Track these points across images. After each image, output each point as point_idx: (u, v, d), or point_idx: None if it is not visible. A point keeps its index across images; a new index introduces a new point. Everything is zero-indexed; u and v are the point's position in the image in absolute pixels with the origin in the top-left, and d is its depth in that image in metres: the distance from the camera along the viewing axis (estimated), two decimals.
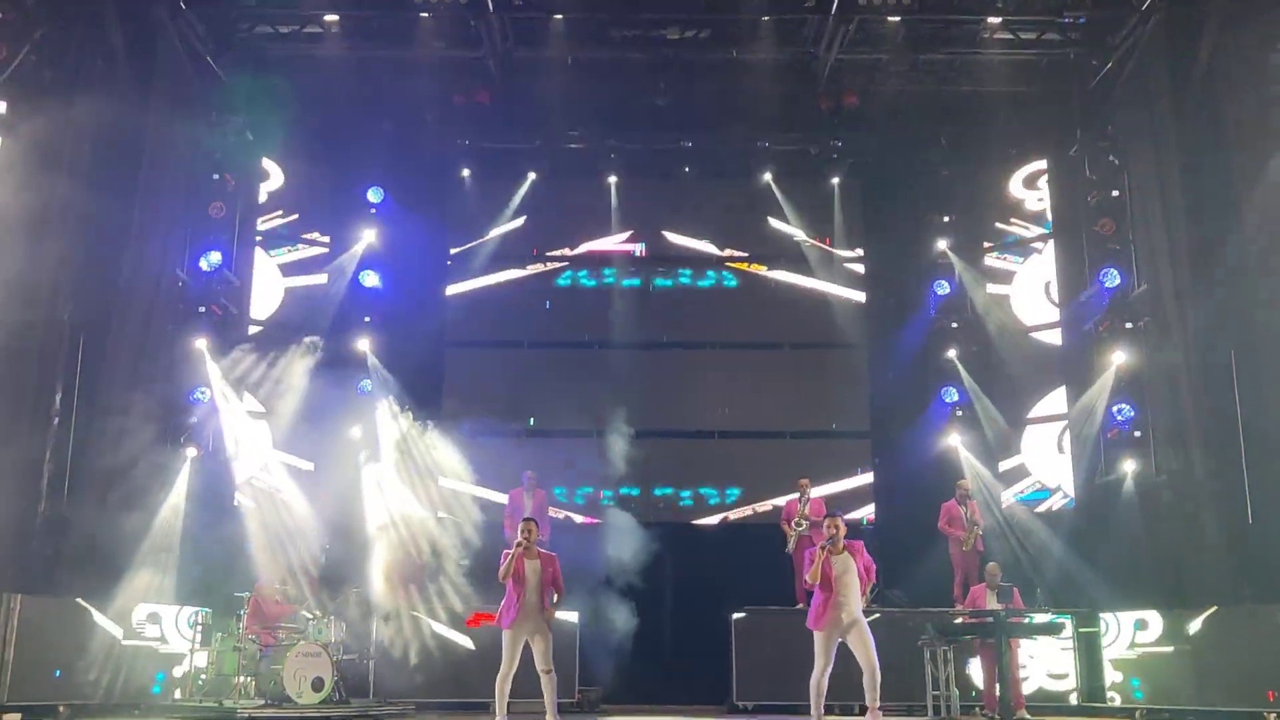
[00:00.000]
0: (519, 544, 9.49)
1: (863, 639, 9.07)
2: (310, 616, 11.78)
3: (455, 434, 14.96)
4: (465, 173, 16.62)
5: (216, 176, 14.71)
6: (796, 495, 14.11)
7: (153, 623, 12.11)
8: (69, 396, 12.02)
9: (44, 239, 11.64)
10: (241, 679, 11.14)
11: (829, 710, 9.27)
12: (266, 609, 11.61)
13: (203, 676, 11.87)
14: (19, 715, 10.45)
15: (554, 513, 15.13)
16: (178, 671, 12.12)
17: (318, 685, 10.91)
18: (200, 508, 13.69)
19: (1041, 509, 15.18)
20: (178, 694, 11.91)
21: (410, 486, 14.45)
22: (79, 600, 11.39)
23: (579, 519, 15.97)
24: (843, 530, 9.27)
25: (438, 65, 15.01)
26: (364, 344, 15.64)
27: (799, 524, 13.66)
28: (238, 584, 12.19)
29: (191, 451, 13.79)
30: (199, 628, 12.11)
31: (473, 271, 16.87)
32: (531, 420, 16.33)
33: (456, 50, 14.85)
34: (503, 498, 14.91)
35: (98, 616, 11.51)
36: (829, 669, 9.18)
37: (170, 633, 12.24)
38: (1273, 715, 10.58)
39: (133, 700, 11.65)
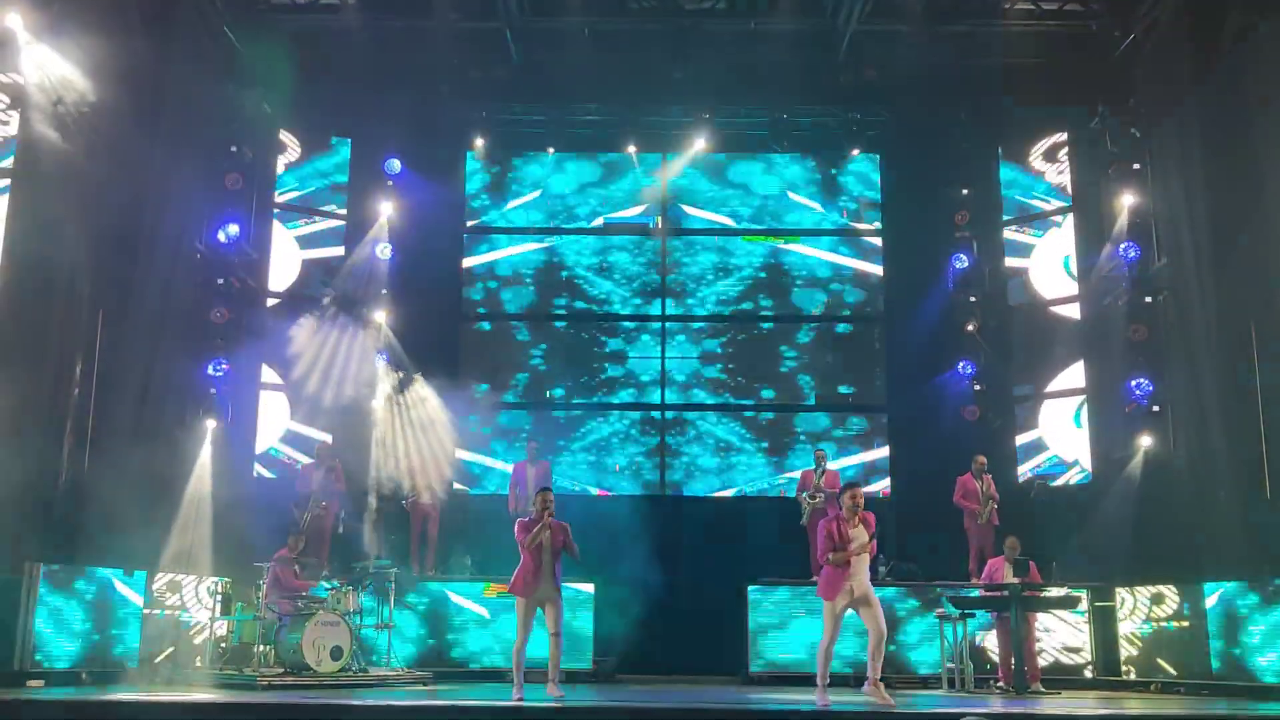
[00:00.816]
0: (541, 514, 9.57)
1: (872, 609, 9.15)
2: (329, 586, 11.87)
3: (470, 405, 15.04)
4: (481, 144, 16.54)
5: (234, 149, 14.71)
6: (813, 467, 14.14)
7: (173, 591, 12.23)
8: (89, 368, 12.09)
9: (62, 211, 11.67)
10: (261, 648, 11.24)
11: (839, 680, 9.33)
12: (285, 579, 11.69)
13: (223, 645, 11.99)
14: (41, 682, 10.59)
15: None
16: (197, 640, 12.25)
17: (336, 654, 11.00)
18: (219, 478, 13.80)
19: (1058, 483, 15.17)
20: (198, 662, 12.03)
21: (419, 454, 14.55)
22: (99, 569, 11.50)
23: (594, 490, 16.01)
24: (862, 501, 9.33)
25: (454, 37, 14.97)
26: (381, 316, 15.66)
27: (814, 496, 13.69)
28: (257, 554, 12.28)
29: (210, 423, 13.87)
30: (219, 597, 12.23)
31: (489, 244, 16.87)
32: (547, 393, 16.37)
33: (473, 22, 14.82)
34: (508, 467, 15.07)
35: (118, 585, 11.62)
36: (837, 638, 9.27)
37: (191, 601, 12.35)
38: None
39: (154, 668, 11.77)
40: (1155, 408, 13.81)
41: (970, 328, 15.90)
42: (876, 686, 9.09)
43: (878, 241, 16.81)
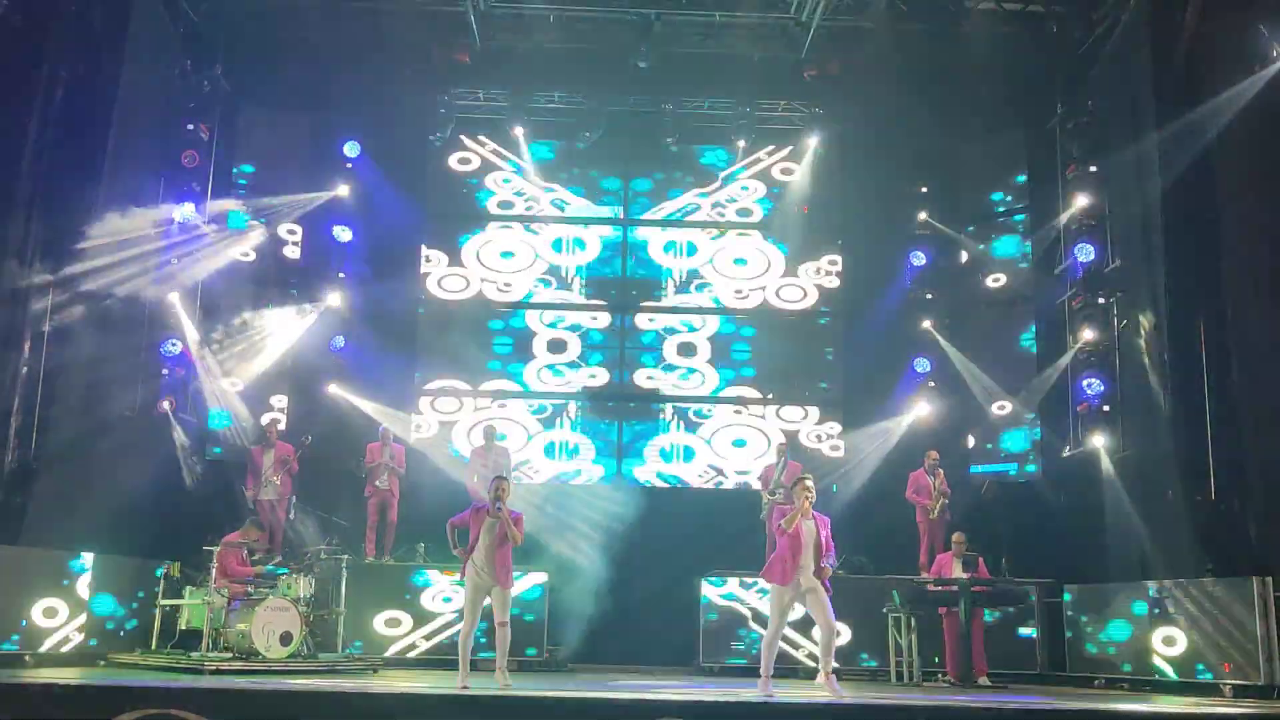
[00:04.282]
0: (494, 502, 9.55)
1: (820, 602, 9.22)
2: (280, 571, 11.77)
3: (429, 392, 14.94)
4: (441, 131, 16.43)
5: (190, 126, 14.53)
6: (774, 461, 14.17)
7: (121, 574, 12.08)
8: (38, 346, 11.90)
9: (14, 186, 11.48)
10: (210, 632, 11.13)
11: (790, 672, 9.44)
12: (234, 563, 11.57)
13: (171, 629, 11.87)
14: None
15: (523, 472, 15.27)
16: (145, 624, 12.12)
17: (286, 640, 10.92)
18: (171, 459, 13.68)
19: (1010, 480, 15.32)
20: (146, 646, 11.90)
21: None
22: (46, 550, 11.34)
23: (551, 478, 15.95)
24: (813, 492, 9.42)
25: (417, 19, 14.86)
26: (336, 299, 15.55)
27: (773, 492, 13.72)
28: (207, 537, 12.17)
29: (164, 404, 13.72)
30: (167, 580, 12.10)
31: (450, 228, 16.76)
32: (505, 380, 16.30)
33: (436, 4, 14.70)
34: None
35: (65, 567, 11.47)
36: (783, 628, 9.37)
37: (139, 584, 12.21)
38: (1228, 686, 10.78)
39: (98, 651, 11.65)
40: (1106, 407, 13.97)
41: (926, 324, 16.02)
42: (829, 678, 9.17)
43: (836, 236, 16.85)
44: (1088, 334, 14.14)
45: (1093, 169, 14.58)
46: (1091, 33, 14.33)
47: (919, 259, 16.22)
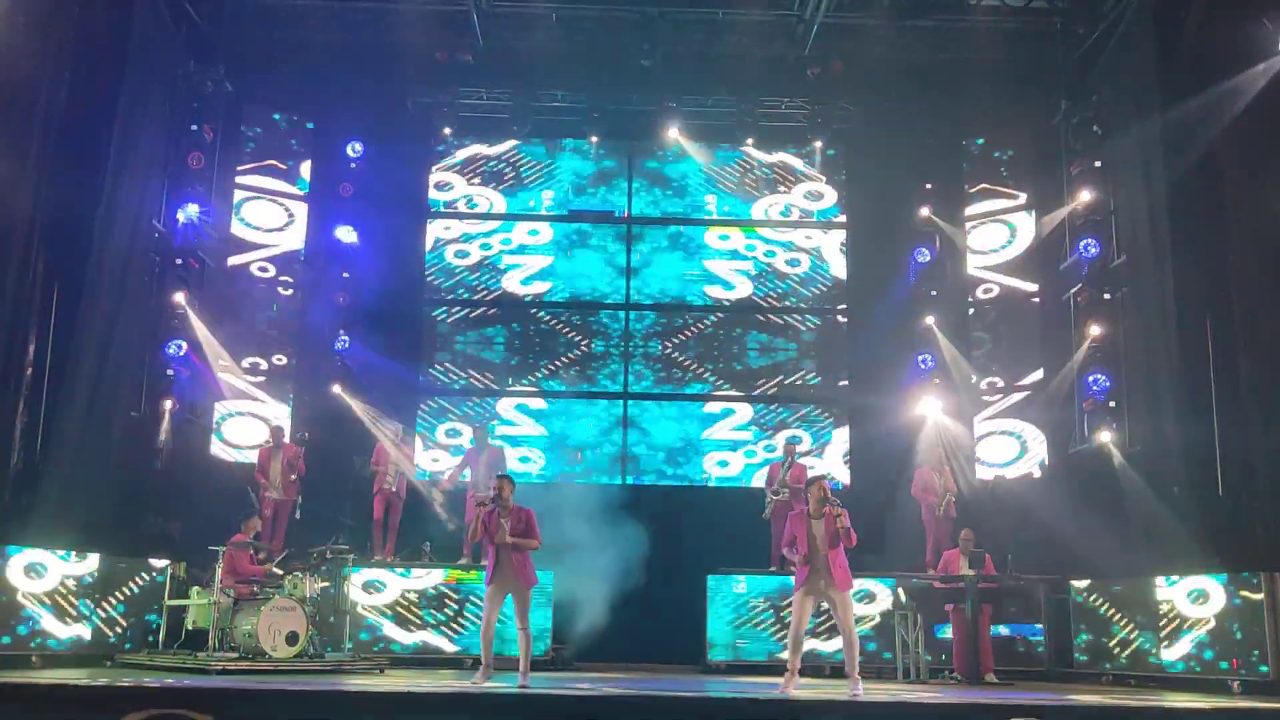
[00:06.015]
0: (481, 502, 9.56)
1: (843, 605, 9.20)
2: (285, 571, 11.76)
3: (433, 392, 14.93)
4: (447, 131, 16.46)
5: (195, 127, 14.51)
6: (781, 459, 14.14)
7: (127, 574, 12.08)
8: (43, 347, 11.90)
9: (17, 186, 11.48)
10: (216, 632, 11.13)
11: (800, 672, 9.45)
12: (241, 563, 11.57)
13: (178, 629, 11.86)
14: None
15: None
16: (151, 625, 12.13)
17: (292, 639, 10.91)
18: (176, 460, 13.67)
19: (1015, 476, 15.29)
20: (152, 646, 11.90)
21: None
22: (52, 551, 11.35)
23: (555, 477, 15.94)
24: (828, 494, 9.40)
25: (419, 19, 14.85)
26: (341, 299, 15.55)
27: (777, 492, 13.68)
28: (213, 537, 12.16)
29: (168, 404, 13.71)
30: (174, 580, 12.10)
31: (453, 228, 16.76)
32: (509, 379, 16.30)
33: (438, 4, 14.70)
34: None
35: (69, 568, 11.48)
36: (805, 626, 9.35)
37: (144, 585, 12.21)
38: (1236, 682, 10.75)
39: (105, 652, 11.66)
40: (1112, 403, 13.93)
41: (930, 321, 15.98)
42: (853, 678, 9.15)
43: (841, 234, 16.85)
44: (1093, 329, 14.11)
45: (1097, 164, 14.55)
46: (1095, 28, 14.30)
47: (924, 256, 16.18)
